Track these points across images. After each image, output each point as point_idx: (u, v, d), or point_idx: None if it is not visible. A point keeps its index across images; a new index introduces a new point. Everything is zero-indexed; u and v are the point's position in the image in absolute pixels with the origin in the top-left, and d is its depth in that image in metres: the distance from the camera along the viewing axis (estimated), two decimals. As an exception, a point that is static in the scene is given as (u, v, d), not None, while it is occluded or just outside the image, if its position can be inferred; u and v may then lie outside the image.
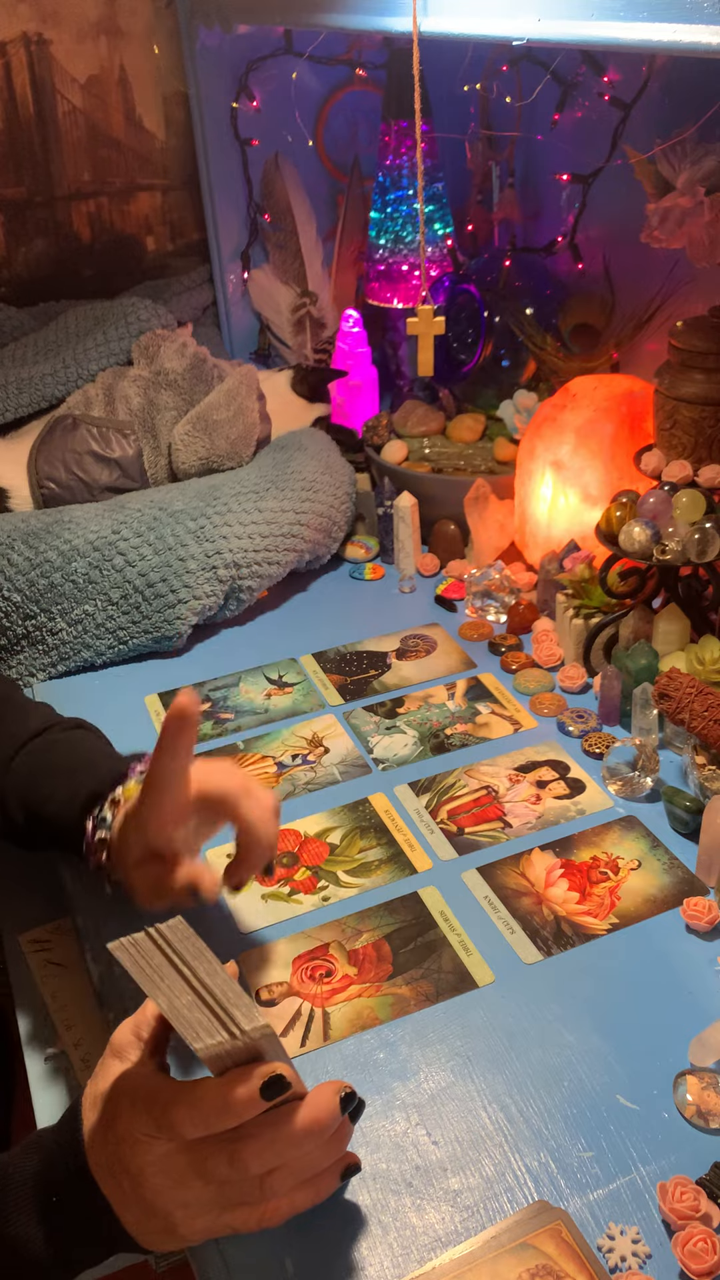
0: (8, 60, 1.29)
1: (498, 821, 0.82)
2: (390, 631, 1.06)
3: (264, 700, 0.97)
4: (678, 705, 0.78)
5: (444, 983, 0.69)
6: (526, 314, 1.17)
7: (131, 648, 1.01)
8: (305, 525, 1.10)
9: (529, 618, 1.03)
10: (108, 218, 1.43)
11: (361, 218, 1.43)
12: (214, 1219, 0.51)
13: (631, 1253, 0.53)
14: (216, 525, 1.04)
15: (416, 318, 1.01)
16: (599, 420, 0.99)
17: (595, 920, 0.72)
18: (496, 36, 0.82)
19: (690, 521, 0.86)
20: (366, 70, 1.37)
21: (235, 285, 1.46)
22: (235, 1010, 0.49)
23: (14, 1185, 0.53)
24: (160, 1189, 0.50)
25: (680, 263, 1.06)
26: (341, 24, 1.02)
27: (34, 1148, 0.55)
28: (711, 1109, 0.59)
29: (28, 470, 1.11)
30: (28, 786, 0.75)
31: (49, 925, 0.88)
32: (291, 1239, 0.55)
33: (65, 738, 0.79)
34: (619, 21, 0.70)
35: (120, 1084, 0.53)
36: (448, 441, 1.19)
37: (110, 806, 0.71)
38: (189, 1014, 0.49)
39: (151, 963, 0.50)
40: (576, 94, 1.16)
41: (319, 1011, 0.67)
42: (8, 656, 1.01)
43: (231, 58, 1.32)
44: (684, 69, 1.01)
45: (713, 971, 0.68)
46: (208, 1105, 0.50)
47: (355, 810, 0.84)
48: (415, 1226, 0.55)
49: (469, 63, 1.25)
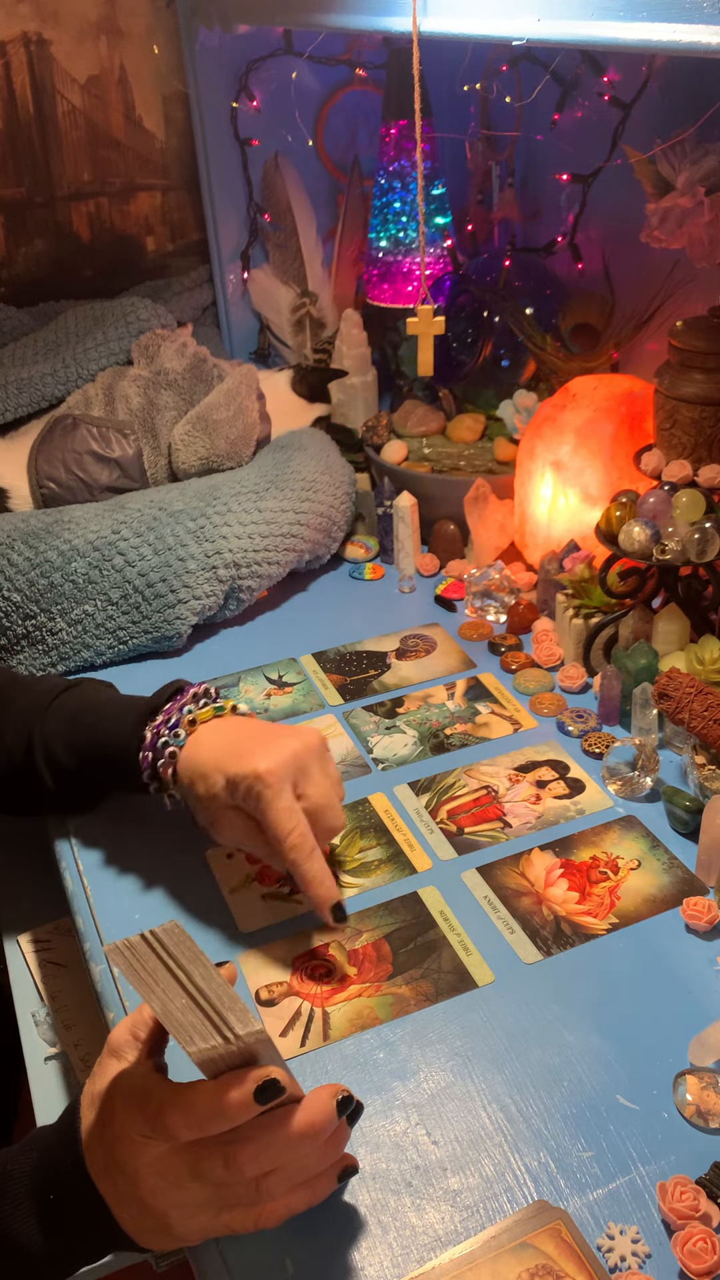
0: (8, 60, 1.29)
1: (497, 821, 0.82)
2: (390, 631, 1.06)
3: (264, 700, 0.97)
4: (677, 705, 0.78)
5: (444, 983, 0.69)
6: (526, 314, 1.17)
7: (131, 648, 1.01)
8: (305, 525, 1.10)
9: (529, 618, 1.03)
10: (108, 218, 1.43)
11: (361, 218, 1.43)
12: (210, 1219, 0.51)
13: (631, 1252, 0.53)
14: (216, 525, 1.04)
15: (416, 318, 1.01)
16: (599, 420, 0.99)
17: (595, 920, 0.72)
18: (496, 36, 0.82)
19: (690, 521, 0.86)
20: (366, 70, 1.37)
21: (235, 285, 1.46)
22: (229, 1014, 0.49)
23: (12, 1183, 0.53)
24: (156, 1189, 0.50)
25: (680, 263, 1.06)
26: (341, 24, 1.02)
27: (32, 1146, 0.55)
28: (711, 1109, 0.59)
29: (28, 470, 1.11)
30: (73, 723, 0.78)
31: (49, 925, 0.88)
32: (291, 1239, 0.55)
33: (98, 685, 0.83)
34: (619, 21, 0.70)
35: (116, 1084, 0.53)
36: (448, 441, 1.19)
37: (184, 724, 0.74)
38: (183, 1017, 0.49)
39: (146, 966, 0.50)
40: (576, 94, 1.16)
41: (319, 1011, 0.67)
42: (8, 656, 1.01)
43: (231, 58, 1.32)
44: (684, 69, 1.01)
45: (713, 971, 0.68)
46: (201, 1109, 0.50)
47: (355, 810, 0.84)
48: (415, 1226, 0.55)
49: (469, 63, 1.25)
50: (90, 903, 0.76)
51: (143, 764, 0.74)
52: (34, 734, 0.79)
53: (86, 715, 0.78)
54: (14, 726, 0.80)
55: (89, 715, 0.78)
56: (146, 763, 0.74)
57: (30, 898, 0.90)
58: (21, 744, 0.79)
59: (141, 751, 0.74)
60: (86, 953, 0.73)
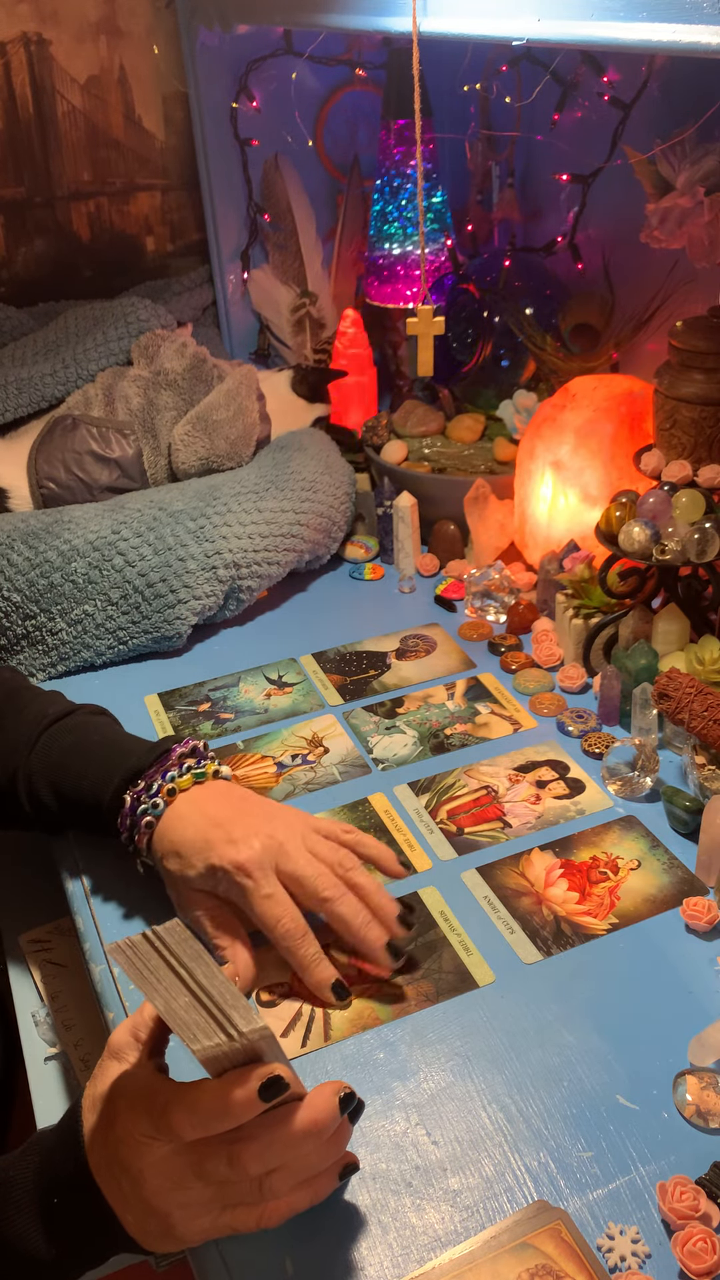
0: (8, 60, 1.29)
1: (497, 821, 0.82)
2: (390, 631, 1.06)
3: (264, 700, 0.97)
4: (677, 705, 0.78)
5: (444, 983, 0.69)
6: (526, 314, 1.17)
7: (131, 648, 1.01)
8: (305, 525, 1.10)
9: (529, 618, 1.03)
10: (107, 218, 1.43)
11: (361, 218, 1.43)
12: (213, 1220, 0.51)
13: (631, 1252, 0.53)
14: (216, 525, 1.04)
15: (416, 318, 1.01)
16: (599, 420, 0.99)
17: (595, 920, 0.72)
18: (496, 36, 0.82)
19: (690, 521, 0.86)
20: (366, 70, 1.37)
21: (235, 285, 1.46)
22: (233, 1012, 0.49)
23: (14, 1187, 0.53)
24: (159, 1190, 0.50)
25: (680, 263, 1.06)
26: (341, 24, 1.02)
27: (34, 1150, 0.55)
28: (711, 1109, 0.59)
29: (28, 470, 1.11)
30: (58, 766, 0.77)
31: (49, 925, 0.88)
32: (291, 1239, 0.55)
33: (90, 720, 0.80)
34: (619, 21, 0.70)
35: (118, 1085, 0.53)
36: (447, 441, 1.19)
37: (162, 794, 0.72)
38: (186, 1016, 0.49)
39: (149, 965, 0.50)
40: (576, 94, 1.16)
41: (319, 1012, 0.67)
42: (8, 656, 1.01)
43: (231, 58, 1.32)
44: (684, 69, 1.01)
45: (712, 971, 0.68)
46: (206, 1107, 0.50)
47: (355, 810, 0.84)
48: (415, 1226, 0.55)
49: (469, 63, 1.25)
50: (90, 903, 0.76)
51: (120, 828, 0.73)
52: (18, 768, 0.77)
53: (74, 761, 0.76)
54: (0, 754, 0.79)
55: (77, 762, 0.76)
56: (124, 828, 0.73)
57: (30, 898, 0.90)
58: (5, 774, 0.78)
59: (120, 818, 0.73)
60: (86, 953, 0.73)
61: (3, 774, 0.78)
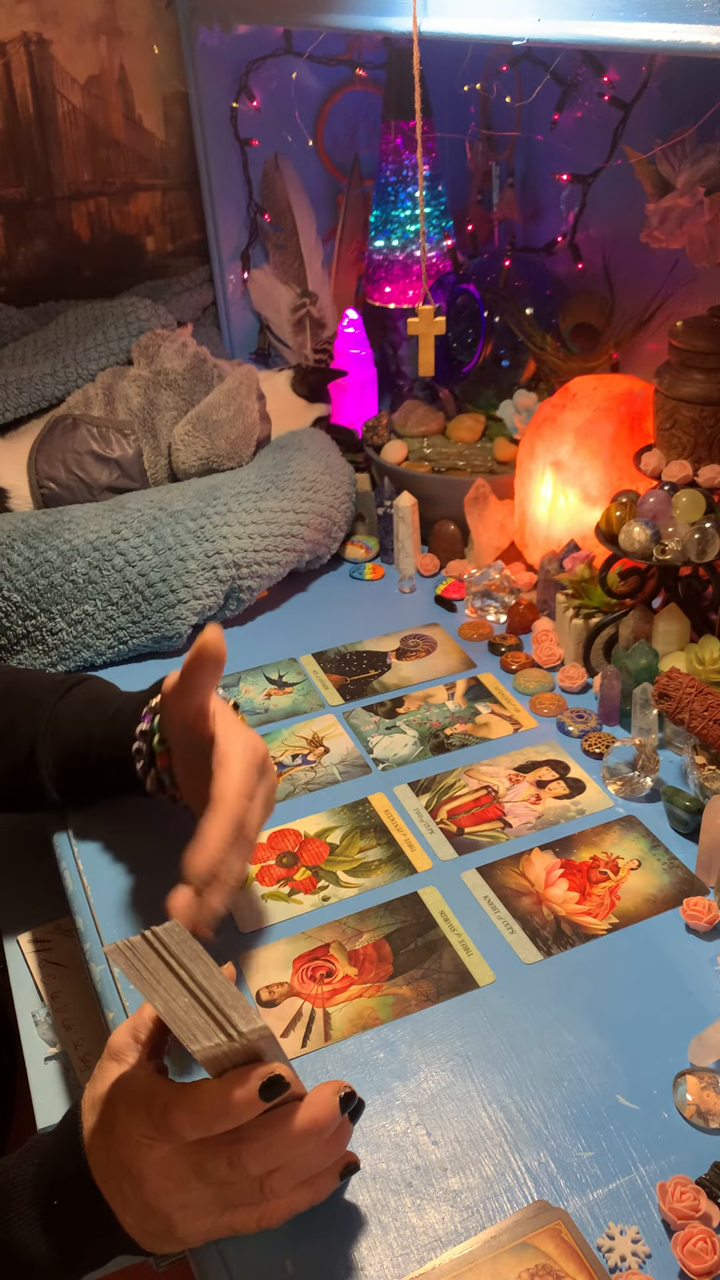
0: (8, 60, 1.29)
1: (497, 821, 0.82)
2: (390, 631, 1.06)
3: (264, 700, 0.97)
4: (677, 705, 0.78)
5: (444, 983, 0.69)
6: (526, 314, 1.17)
7: (131, 648, 1.01)
8: (305, 525, 1.10)
9: (529, 618, 1.03)
10: (107, 218, 1.43)
11: (361, 218, 1.43)
12: (214, 1220, 0.51)
13: (631, 1252, 0.53)
14: (216, 525, 1.04)
15: (417, 318, 1.01)
16: (599, 420, 0.99)
17: (595, 920, 0.72)
18: (496, 36, 0.82)
19: (690, 521, 0.86)
20: (366, 70, 1.37)
21: (235, 285, 1.46)
22: (233, 1012, 0.49)
23: (15, 1190, 0.53)
24: (160, 1191, 0.50)
25: (680, 263, 1.06)
26: (341, 24, 1.02)
27: (34, 1152, 0.55)
28: (711, 1109, 0.59)
29: (28, 470, 1.11)
30: (91, 703, 0.80)
31: (49, 925, 0.88)
32: (291, 1239, 0.55)
33: (81, 689, 0.84)
34: (619, 21, 0.70)
35: (118, 1087, 0.53)
36: (448, 441, 1.19)
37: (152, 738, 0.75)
38: (186, 1016, 0.49)
39: (148, 966, 0.50)
40: (576, 94, 1.16)
41: (319, 1012, 0.67)
42: (8, 657, 1.01)
43: (231, 58, 1.32)
44: (684, 69, 1.01)
45: (713, 971, 0.68)
46: (206, 1107, 0.50)
47: (355, 810, 0.84)
48: (415, 1226, 0.55)
49: (469, 63, 1.25)
50: (90, 903, 0.76)
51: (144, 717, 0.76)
52: (41, 724, 0.80)
53: (99, 700, 0.81)
54: (22, 718, 0.81)
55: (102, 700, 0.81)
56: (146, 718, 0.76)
57: (30, 898, 0.90)
58: (26, 741, 0.80)
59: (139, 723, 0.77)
60: (86, 953, 0.73)
61: (23, 742, 0.80)
